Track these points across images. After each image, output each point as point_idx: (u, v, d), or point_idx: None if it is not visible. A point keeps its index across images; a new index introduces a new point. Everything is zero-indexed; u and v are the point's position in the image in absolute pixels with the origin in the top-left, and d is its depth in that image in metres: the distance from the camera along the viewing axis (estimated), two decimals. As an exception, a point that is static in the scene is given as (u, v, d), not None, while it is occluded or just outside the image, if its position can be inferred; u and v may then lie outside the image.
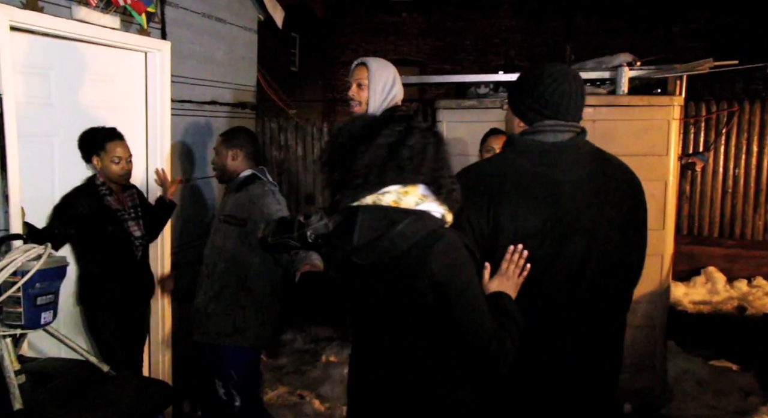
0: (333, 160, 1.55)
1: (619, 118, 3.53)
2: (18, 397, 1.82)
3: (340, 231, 1.52)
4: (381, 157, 1.47)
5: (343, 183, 1.52)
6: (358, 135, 1.51)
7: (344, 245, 1.50)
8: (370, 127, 1.51)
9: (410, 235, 1.44)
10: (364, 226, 1.47)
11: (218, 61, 3.63)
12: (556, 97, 1.68)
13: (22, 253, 1.87)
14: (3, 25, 2.22)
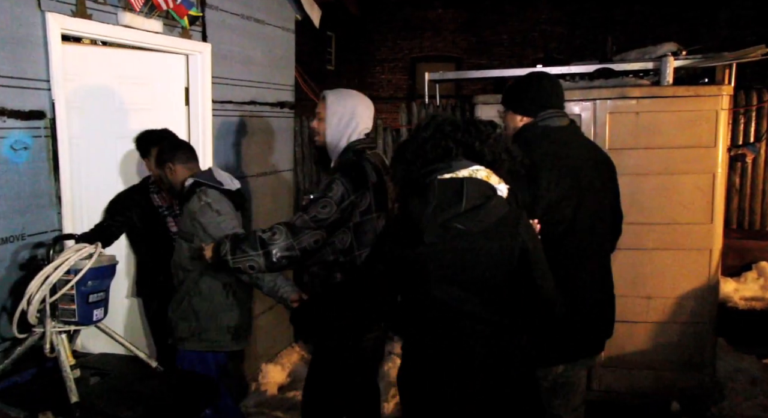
0: (414, 153, 1.79)
1: (664, 109, 3.44)
2: (74, 390, 1.89)
3: (444, 199, 1.70)
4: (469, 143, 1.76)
5: (426, 164, 1.76)
6: (433, 134, 1.78)
7: (450, 210, 1.69)
8: (440, 128, 1.78)
9: (500, 208, 1.73)
10: (470, 194, 1.70)
11: (257, 61, 3.68)
12: (550, 91, 2.24)
13: (75, 252, 1.94)
14: (55, 33, 2.31)
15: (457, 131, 1.76)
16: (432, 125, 1.79)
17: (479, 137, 1.76)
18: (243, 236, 2.19)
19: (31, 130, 2.26)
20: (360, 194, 2.20)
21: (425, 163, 1.76)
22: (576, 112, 3.58)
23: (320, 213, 2.15)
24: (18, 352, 2.00)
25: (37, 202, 2.28)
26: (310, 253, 2.17)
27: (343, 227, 2.20)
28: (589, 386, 3.69)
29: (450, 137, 1.75)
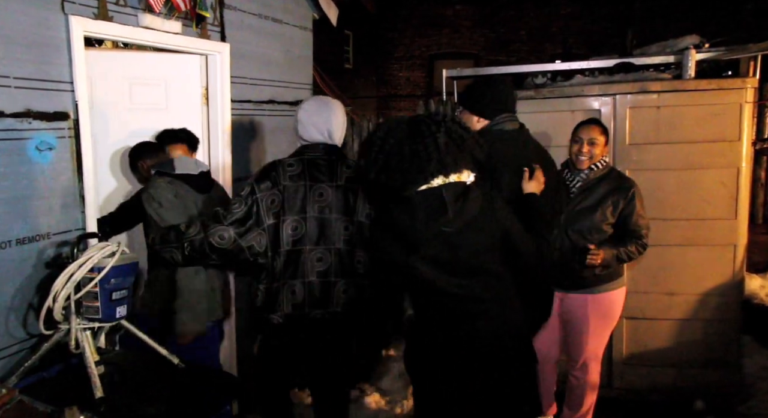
0: (386, 163, 1.88)
1: (686, 103, 3.39)
2: (99, 386, 1.93)
3: (430, 212, 1.87)
4: (441, 149, 1.86)
5: (404, 177, 1.87)
6: (406, 138, 1.88)
7: (438, 221, 1.88)
8: (414, 131, 1.89)
9: (477, 200, 1.92)
10: (450, 200, 1.87)
11: (275, 60, 3.70)
12: (506, 96, 2.47)
13: (98, 250, 1.98)
14: (78, 35, 2.35)
15: (435, 151, 1.86)
16: (406, 139, 1.88)
17: (456, 152, 1.89)
18: (175, 228, 2.31)
19: (55, 131, 2.30)
20: (266, 194, 2.26)
21: (404, 177, 1.88)
22: (595, 108, 3.55)
23: (230, 209, 2.25)
24: (44, 348, 2.04)
25: (62, 202, 2.33)
26: (219, 250, 2.22)
27: (258, 228, 2.25)
28: (609, 384, 3.66)
29: (428, 157, 1.85)
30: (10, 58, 2.13)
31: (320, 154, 2.38)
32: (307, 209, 2.30)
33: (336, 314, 2.36)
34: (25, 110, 2.19)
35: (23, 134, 2.19)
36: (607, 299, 2.92)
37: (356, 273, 2.40)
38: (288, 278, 2.30)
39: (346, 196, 2.37)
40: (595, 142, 2.88)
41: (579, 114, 3.59)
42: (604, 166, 2.93)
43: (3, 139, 2.13)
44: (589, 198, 2.90)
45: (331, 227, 2.34)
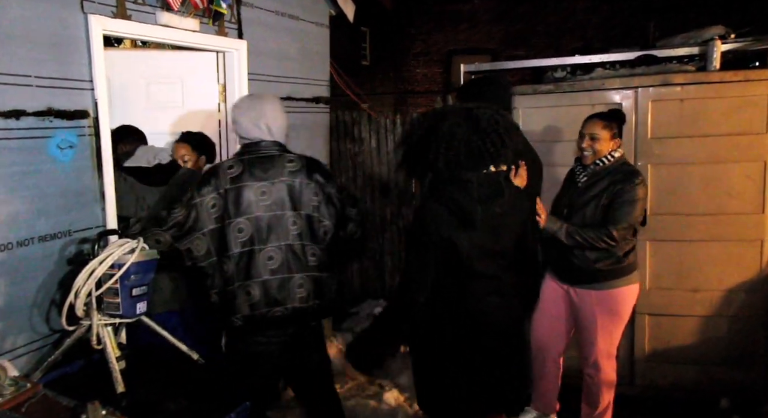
0: (457, 156, 2.07)
1: (710, 95, 3.31)
2: (120, 381, 1.95)
3: (489, 193, 2.13)
4: (505, 143, 2.11)
5: (471, 166, 2.08)
6: (474, 133, 2.08)
7: (494, 201, 2.15)
8: (479, 126, 2.10)
9: (513, 189, 2.26)
10: (505, 185, 2.17)
11: (292, 57, 3.70)
12: (501, 93, 2.77)
13: (118, 247, 1.99)
14: (97, 34, 2.37)
15: (500, 144, 2.09)
16: (474, 134, 2.08)
17: (505, 146, 2.12)
18: (123, 220, 2.44)
19: (76, 129, 2.32)
20: (206, 198, 2.26)
21: (471, 166, 2.10)
22: (616, 101, 3.49)
23: (171, 213, 2.25)
24: (67, 344, 2.07)
25: (83, 200, 2.35)
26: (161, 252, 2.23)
27: (197, 233, 2.25)
28: (631, 381, 3.61)
29: (494, 150, 2.08)
30: (32, 57, 2.15)
31: (261, 151, 2.38)
32: (252, 209, 2.30)
33: (295, 309, 2.36)
34: (46, 109, 2.22)
35: (45, 133, 2.22)
36: (615, 296, 2.83)
37: (310, 266, 2.39)
38: (242, 279, 2.29)
39: (291, 191, 2.37)
40: (596, 137, 2.80)
41: (599, 108, 3.53)
42: (612, 161, 2.83)
43: (26, 138, 2.16)
44: (587, 193, 2.83)
45: (280, 224, 2.34)
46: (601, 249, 2.74)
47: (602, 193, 2.79)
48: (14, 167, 2.12)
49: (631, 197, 2.72)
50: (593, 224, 2.78)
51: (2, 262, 2.10)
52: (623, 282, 2.83)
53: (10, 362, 1.96)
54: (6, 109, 2.09)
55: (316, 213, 2.42)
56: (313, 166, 2.47)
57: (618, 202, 2.72)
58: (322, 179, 2.46)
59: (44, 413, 1.73)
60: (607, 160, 2.84)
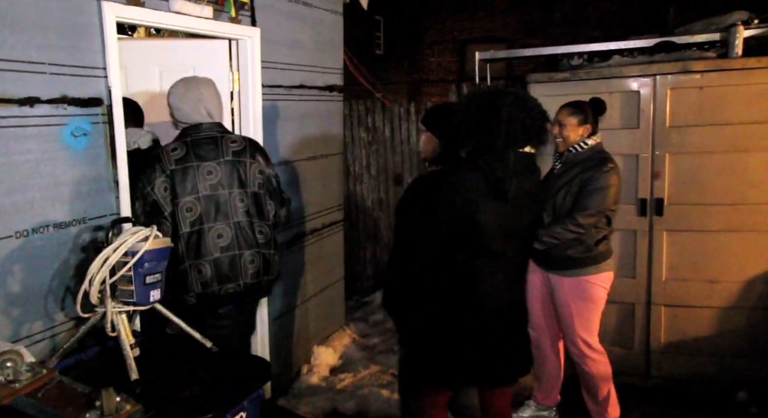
0: (512, 132, 2.16)
1: (731, 83, 3.25)
2: (134, 368, 1.95)
3: (524, 169, 2.22)
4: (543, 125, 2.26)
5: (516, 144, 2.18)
6: (522, 112, 2.19)
7: (527, 178, 2.23)
8: (525, 106, 2.22)
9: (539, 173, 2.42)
10: (537, 165, 2.32)
11: (306, 45, 3.68)
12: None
13: (131, 235, 1.99)
14: (110, 21, 2.36)
15: (540, 125, 2.21)
16: (517, 109, 2.17)
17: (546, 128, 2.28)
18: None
19: (89, 116, 2.32)
20: (156, 183, 2.36)
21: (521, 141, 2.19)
22: (634, 89, 3.43)
23: (134, 209, 2.38)
24: (82, 331, 2.08)
25: (97, 187, 2.36)
26: None
27: (160, 217, 2.34)
28: (647, 373, 3.58)
29: (529, 126, 2.17)
30: (46, 44, 2.15)
31: (203, 133, 2.44)
32: (198, 189, 2.39)
33: (247, 285, 2.47)
34: (60, 96, 2.21)
35: (59, 120, 2.22)
36: (586, 283, 2.85)
37: (258, 243, 2.50)
38: (193, 258, 2.39)
39: (237, 170, 2.46)
40: (563, 123, 2.83)
41: (617, 96, 3.48)
42: (586, 148, 2.83)
43: (40, 126, 2.16)
44: (559, 181, 2.85)
45: (227, 202, 2.44)
46: (572, 238, 2.75)
47: (572, 181, 2.79)
48: (29, 155, 2.13)
49: (600, 184, 2.71)
50: (560, 215, 2.79)
51: (18, 249, 2.11)
52: (594, 270, 2.84)
53: (27, 348, 1.97)
54: (21, 97, 2.09)
55: (261, 190, 2.53)
56: (256, 147, 2.59)
57: (587, 190, 2.72)
58: (263, 161, 2.58)
59: (60, 398, 1.74)
60: (580, 148, 2.84)
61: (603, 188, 2.71)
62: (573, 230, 2.72)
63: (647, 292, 3.54)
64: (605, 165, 2.75)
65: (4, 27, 2.02)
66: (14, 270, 2.10)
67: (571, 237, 2.74)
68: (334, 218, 4.25)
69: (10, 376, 1.75)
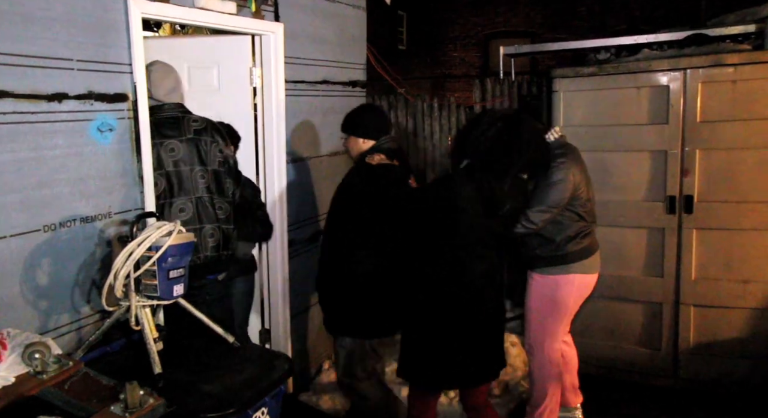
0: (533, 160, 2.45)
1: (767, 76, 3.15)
2: (157, 362, 1.96)
3: (515, 192, 2.41)
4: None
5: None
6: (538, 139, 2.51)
7: (517, 199, 2.45)
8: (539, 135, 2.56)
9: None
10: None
11: (329, 40, 3.66)
12: (384, 119, 2.86)
13: (156, 229, 2.00)
14: (136, 17, 2.37)
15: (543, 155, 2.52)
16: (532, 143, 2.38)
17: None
18: None
19: (115, 112, 2.34)
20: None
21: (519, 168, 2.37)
22: (663, 83, 3.35)
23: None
24: (106, 324, 2.10)
25: (122, 182, 2.38)
26: None
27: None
28: (675, 374, 3.50)
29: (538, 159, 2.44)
30: (73, 40, 2.17)
31: (166, 113, 2.58)
32: (163, 164, 2.51)
33: (208, 258, 2.59)
34: (87, 92, 2.23)
35: (86, 116, 2.24)
36: (550, 283, 2.80)
37: (218, 218, 2.62)
38: None
39: (198, 148, 2.59)
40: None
41: (645, 91, 3.41)
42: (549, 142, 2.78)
43: (68, 121, 2.18)
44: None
45: (188, 178, 2.56)
46: (536, 236, 2.75)
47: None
48: (57, 150, 2.15)
49: (553, 179, 2.66)
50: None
51: (46, 243, 2.14)
52: (559, 270, 2.78)
53: (54, 340, 2.00)
54: (49, 93, 2.11)
55: (222, 168, 2.65)
56: (215, 128, 2.70)
57: (541, 186, 2.69)
58: (222, 141, 2.69)
59: (85, 390, 1.76)
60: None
61: (556, 183, 2.64)
62: (525, 226, 2.66)
63: (675, 291, 3.46)
64: (556, 159, 2.68)
65: (34, 24, 2.05)
66: (42, 263, 2.13)
67: (523, 232, 2.69)
68: (357, 214, 4.24)
69: (38, 367, 1.78)
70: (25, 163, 2.05)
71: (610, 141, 3.53)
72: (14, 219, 2.03)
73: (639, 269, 3.55)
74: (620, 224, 3.56)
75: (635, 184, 3.50)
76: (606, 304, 3.66)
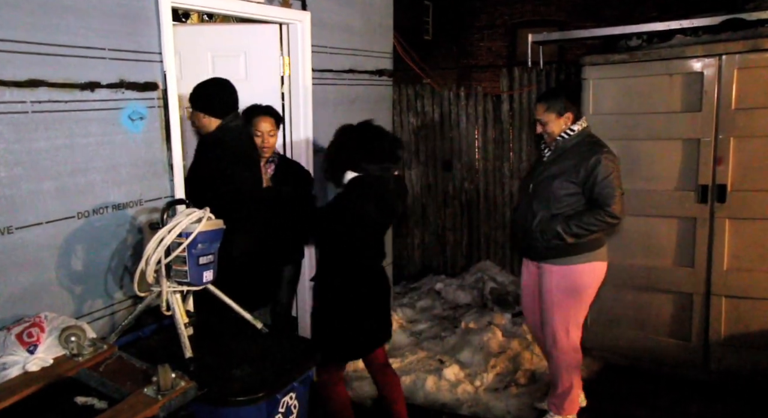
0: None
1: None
2: (188, 346, 2.00)
3: (398, 192, 2.58)
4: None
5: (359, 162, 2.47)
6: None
7: (403, 197, 2.65)
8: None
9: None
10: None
11: (356, 29, 3.66)
12: (232, 96, 2.71)
13: (185, 216, 2.03)
14: (166, 6, 2.40)
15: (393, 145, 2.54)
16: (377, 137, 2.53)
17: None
18: None
19: (146, 100, 2.38)
20: None
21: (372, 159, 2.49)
22: (697, 70, 3.27)
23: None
24: (138, 309, 2.14)
25: (153, 170, 2.42)
26: None
27: None
28: (705, 366, 3.44)
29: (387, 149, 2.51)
30: (105, 29, 2.20)
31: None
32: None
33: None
34: (118, 81, 2.27)
35: (117, 104, 2.28)
36: (573, 272, 2.77)
37: None
38: None
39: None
40: (542, 121, 2.80)
41: (678, 78, 3.33)
42: (574, 134, 2.76)
43: (100, 110, 2.23)
44: (552, 168, 2.78)
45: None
46: (557, 226, 2.71)
47: (570, 170, 2.72)
48: (90, 138, 2.20)
49: (606, 171, 2.65)
50: (557, 201, 2.73)
51: (80, 229, 2.19)
52: (583, 259, 2.76)
53: (89, 324, 2.05)
54: (83, 81, 2.16)
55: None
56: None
57: (601, 183, 2.66)
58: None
59: (119, 373, 1.81)
60: (568, 135, 2.77)
61: (610, 174, 2.66)
62: (609, 222, 2.67)
63: (706, 282, 3.39)
64: (601, 152, 2.69)
65: (68, 14, 2.08)
66: (76, 250, 2.18)
67: (604, 228, 2.69)
68: (382, 204, 4.25)
69: (74, 350, 1.83)
70: (59, 150, 2.10)
71: (641, 129, 3.46)
72: (50, 206, 2.08)
73: (669, 259, 3.49)
74: (650, 213, 3.50)
75: (666, 173, 3.43)
76: (635, 294, 3.61)
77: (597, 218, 2.65)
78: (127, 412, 1.59)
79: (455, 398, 3.34)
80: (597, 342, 3.76)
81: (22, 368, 1.75)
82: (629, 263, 3.59)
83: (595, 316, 3.76)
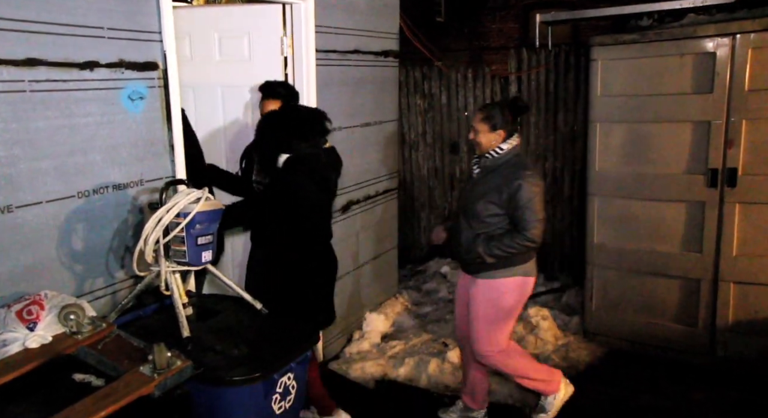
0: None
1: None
2: (186, 326, 2.01)
3: (333, 165, 2.70)
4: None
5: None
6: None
7: (338, 169, 2.76)
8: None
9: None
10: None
11: (360, 9, 3.61)
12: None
13: (184, 196, 2.03)
14: (167, -11, 2.37)
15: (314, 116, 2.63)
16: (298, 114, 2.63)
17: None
18: None
19: (146, 80, 2.36)
20: None
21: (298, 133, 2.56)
22: (709, 50, 3.20)
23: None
24: (138, 288, 2.15)
25: (153, 150, 2.41)
26: None
27: None
28: (712, 351, 3.42)
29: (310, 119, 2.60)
30: (104, 8, 2.18)
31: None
32: None
33: None
34: (118, 60, 2.26)
35: (117, 84, 2.27)
36: (495, 286, 2.71)
37: None
38: None
39: None
40: (476, 129, 2.70)
41: (689, 58, 3.26)
42: (501, 154, 2.66)
43: (99, 89, 2.21)
44: (477, 188, 2.72)
45: None
46: (484, 241, 2.66)
47: (492, 192, 2.64)
48: (89, 118, 2.19)
49: (528, 196, 2.58)
50: (481, 221, 2.67)
51: (81, 209, 2.19)
52: (505, 273, 2.69)
53: (90, 303, 2.07)
54: (82, 61, 2.14)
55: None
56: None
57: (520, 206, 2.58)
58: None
59: (117, 351, 1.82)
60: (496, 153, 2.68)
61: (532, 198, 2.59)
62: (528, 246, 2.62)
63: (714, 267, 3.35)
64: (523, 175, 2.60)
65: (65, -9, 2.07)
66: (77, 229, 2.19)
67: (522, 250, 2.64)
68: (388, 186, 4.23)
69: (73, 327, 1.84)
70: (58, 130, 2.10)
71: (650, 111, 3.40)
72: (49, 185, 2.09)
73: (676, 244, 3.45)
74: (657, 197, 3.45)
75: (675, 156, 3.37)
76: (641, 279, 3.57)
77: (516, 241, 2.60)
78: (123, 389, 1.60)
79: (459, 382, 3.34)
80: (601, 327, 3.74)
81: (22, 345, 1.76)
82: (635, 247, 3.55)
83: (600, 301, 3.74)
